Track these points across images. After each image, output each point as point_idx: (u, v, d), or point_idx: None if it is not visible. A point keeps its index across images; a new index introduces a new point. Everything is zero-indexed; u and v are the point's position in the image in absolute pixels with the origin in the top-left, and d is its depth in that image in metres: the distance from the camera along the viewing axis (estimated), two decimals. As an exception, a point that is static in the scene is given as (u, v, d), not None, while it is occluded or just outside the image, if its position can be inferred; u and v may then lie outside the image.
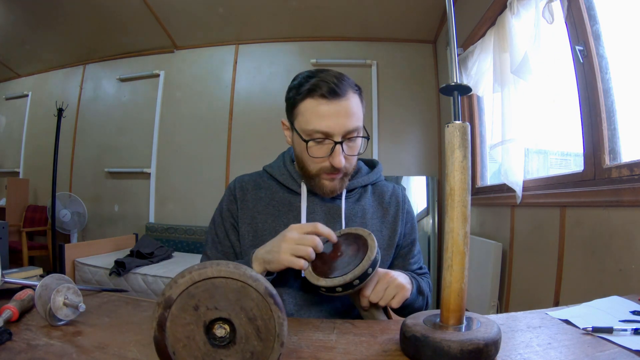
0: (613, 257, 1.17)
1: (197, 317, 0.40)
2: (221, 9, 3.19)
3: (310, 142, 0.76)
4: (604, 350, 0.49)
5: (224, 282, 0.41)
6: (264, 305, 0.41)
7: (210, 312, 0.40)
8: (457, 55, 0.54)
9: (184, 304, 0.40)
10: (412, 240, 0.92)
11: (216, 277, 0.40)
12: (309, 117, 0.75)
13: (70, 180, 3.92)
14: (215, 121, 3.55)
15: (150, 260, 2.81)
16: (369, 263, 0.64)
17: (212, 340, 0.40)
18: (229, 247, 0.87)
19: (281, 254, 0.67)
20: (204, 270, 0.40)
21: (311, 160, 0.78)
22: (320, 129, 0.74)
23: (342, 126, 0.74)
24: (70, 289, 0.60)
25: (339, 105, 0.74)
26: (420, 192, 3.12)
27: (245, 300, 0.41)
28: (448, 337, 0.46)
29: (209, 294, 0.40)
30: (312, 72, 0.78)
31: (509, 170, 1.78)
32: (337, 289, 0.64)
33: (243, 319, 0.40)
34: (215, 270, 0.40)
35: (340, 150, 0.75)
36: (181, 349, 0.39)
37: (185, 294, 0.40)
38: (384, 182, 0.95)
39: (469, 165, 0.50)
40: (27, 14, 3.41)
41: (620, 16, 1.35)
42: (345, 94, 0.75)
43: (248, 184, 0.90)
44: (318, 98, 0.74)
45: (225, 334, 0.40)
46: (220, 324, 0.40)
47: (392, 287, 0.70)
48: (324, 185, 0.81)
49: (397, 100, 3.30)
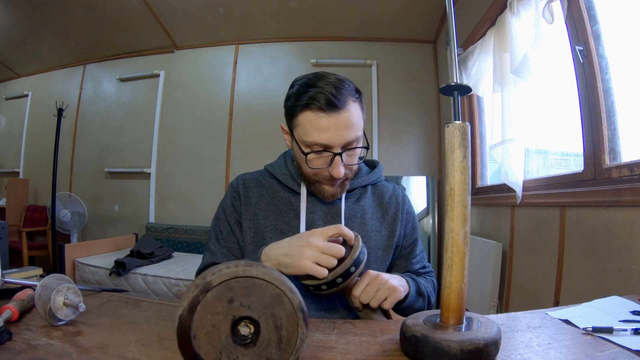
0: (613, 257, 1.17)
1: (229, 310, 0.40)
2: (221, 9, 3.19)
3: (310, 154, 0.75)
4: (604, 350, 0.49)
5: (264, 285, 0.42)
6: (293, 318, 0.42)
7: (242, 309, 0.41)
8: (457, 55, 0.54)
9: (221, 294, 0.40)
10: (413, 241, 0.92)
11: (258, 278, 0.41)
12: (308, 129, 0.74)
13: (70, 180, 3.92)
14: (215, 121, 3.55)
15: (150, 260, 2.81)
16: (351, 262, 0.66)
17: (234, 336, 0.41)
18: (233, 242, 0.87)
19: (304, 260, 0.66)
20: (249, 268, 0.41)
21: (310, 170, 0.79)
22: (319, 142, 0.74)
23: (341, 138, 0.74)
24: (70, 289, 0.60)
25: (338, 118, 0.73)
26: (420, 192, 3.12)
27: (278, 308, 0.42)
28: (448, 337, 0.46)
29: (246, 292, 0.41)
30: (311, 79, 0.76)
31: (509, 170, 1.78)
32: (322, 286, 0.67)
33: (270, 324, 0.41)
34: (260, 271, 0.42)
35: (340, 161, 0.75)
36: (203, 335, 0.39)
37: (225, 284, 0.40)
38: (384, 182, 0.95)
39: (469, 165, 0.50)
40: (27, 14, 3.41)
41: (620, 16, 1.35)
42: (344, 105, 0.73)
43: (250, 182, 0.90)
44: (317, 111, 0.72)
45: (248, 334, 0.41)
46: (247, 323, 0.41)
47: (384, 289, 0.70)
48: (325, 190, 0.81)
49: (397, 100, 3.30)
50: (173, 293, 2.46)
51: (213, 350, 0.40)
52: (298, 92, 0.76)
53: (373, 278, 0.71)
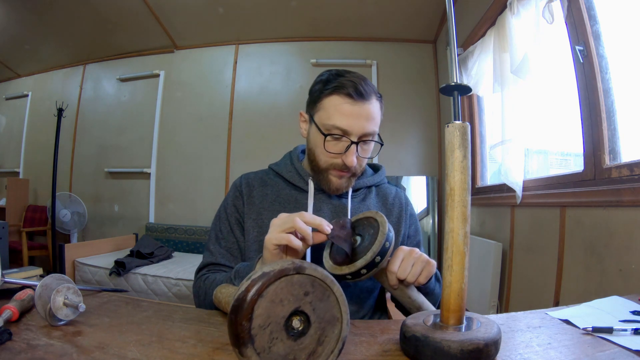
0: (613, 257, 1.17)
1: (295, 300, 0.42)
2: (221, 9, 3.19)
3: (328, 136, 0.78)
4: (604, 350, 0.49)
5: (334, 303, 0.44)
6: (336, 344, 0.44)
7: (307, 305, 0.42)
8: (457, 55, 0.54)
9: (297, 282, 0.42)
10: (416, 243, 0.93)
11: (334, 295, 0.44)
12: (332, 112, 0.77)
13: (70, 180, 3.92)
14: (215, 121, 3.55)
15: (150, 260, 2.81)
16: (383, 237, 0.64)
17: (287, 324, 0.42)
18: (233, 242, 0.87)
19: (267, 239, 0.63)
20: (334, 285, 0.44)
21: (325, 154, 0.80)
22: (340, 126, 0.76)
23: (361, 127, 0.77)
24: (70, 289, 0.60)
25: (362, 107, 0.77)
26: (420, 192, 3.12)
27: (331, 326, 0.44)
28: (448, 337, 0.46)
29: (321, 297, 0.43)
30: (340, 71, 0.81)
31: (509, 170, 1.78)
32: (361, 271, 0.64)
33: (316, 335, 0.43)
34: (338, 292, 0.44)
35: (355, 150, 0.78)
36: (260, 316, 0.40)
37: (306, 276, 0.42)
38: (387, 184, 0.97)
39: (469, 165, 0.50)
40: (27, 14, 3.41)
41: (620, 16, 1.35)
42: (369, 97, 0.77)
43: (254, 181, 0.91)
44: (344, 96, 0.76)
45: (298, 327, 0.42)
46: (301, 318, 0.42)
47: (419, 262, 0.68)
48: (331, 182, 0.82)
49: (397, 100, 3.30)
50: (173, 293, 2.46)
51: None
52: (327, 79, 0.80)
53: (408, 253, 0.69)
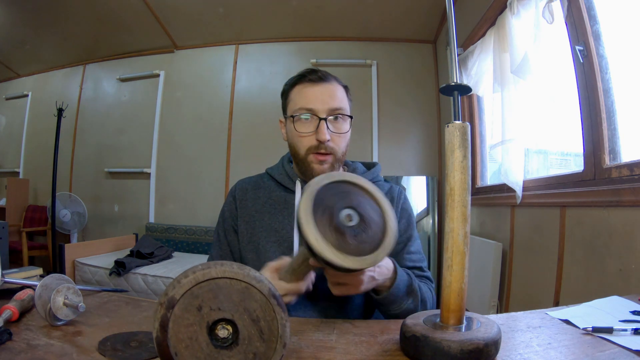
0: (613, 257, 1.17)
1: (201, 317, 0.39)
2: (221, 9, 3.19)
3: (297, 118, 0.83)
4: (604, 350, 0.49)
5: (227, 283, 0.40)
6: (267, 306, 0.41)
7: (214, 313, 0.40)
8: (457, 55, 0.54)
9: (187, 305, 0.39)
10: (407, 237, 0.89)
11: (220, 278, 0.40)
12: (297, 99, 0.84)
13: (70, 180, 3.91)
14: (215, 121, 3.55)
15: (150, 260, 2.80)
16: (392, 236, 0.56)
17: (214, 341, 0.40)
18: (226, 248, 0.92)
19: None
20: (208, 271, 0.40)
21: (299, 139, 0.83)
22: (305, 106, 0.82)
23: (325, 103, 0.81)
24: (70, 289, 0.60)
25: (324, 87, 0.83)
26: (420, 192, 3.12)
27: (249, 301, 0.41)
28: (448, 337, 0.46)
29: (212, 295, 0.40)
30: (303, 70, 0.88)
31: (509, 170, 1.78)
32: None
33: (246, 320, 0.40)
34: (220, 270, 0.40)
35: (325, 126, 0.81)
36: (183, 349, 0.38)
37: (189, 294, 0.39)
38: (382, 182, 0.95)
39: (469, 165, 0.50)
40: (27, 14, 3.41)
41: (620, 16, 1.35)
42: (329, 80, 0.84)
43: (248, 185, 0.95)
44: (305, 82, 0.84)
45: (228, 335, 0.40)
46: (223, 325, 0.40)
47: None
48: (313, 169, 0.83)
49: (397, 100, 3.30)
50: (173, 293, 2.46)
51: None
52: (291, 78, 0.88)
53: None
